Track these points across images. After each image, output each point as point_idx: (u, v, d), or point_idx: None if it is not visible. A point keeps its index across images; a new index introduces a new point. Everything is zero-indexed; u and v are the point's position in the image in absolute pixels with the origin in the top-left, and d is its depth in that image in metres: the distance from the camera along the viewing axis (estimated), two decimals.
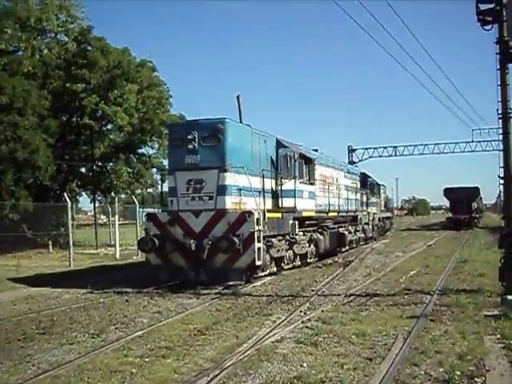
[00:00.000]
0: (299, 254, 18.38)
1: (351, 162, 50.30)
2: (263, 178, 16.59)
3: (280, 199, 17.23)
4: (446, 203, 64.14)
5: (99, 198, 39.32)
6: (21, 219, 28.58)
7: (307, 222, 19.63)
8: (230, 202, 14.97)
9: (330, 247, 21.81)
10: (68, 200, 22.50)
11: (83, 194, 40.00)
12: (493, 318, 9.93)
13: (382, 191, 39.29)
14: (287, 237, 17.32)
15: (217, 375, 6.82)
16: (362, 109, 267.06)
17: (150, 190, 40.15)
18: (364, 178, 32.53)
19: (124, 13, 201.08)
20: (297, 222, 18.09)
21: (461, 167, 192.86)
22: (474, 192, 55.43)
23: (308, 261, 19.49)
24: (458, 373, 6.70)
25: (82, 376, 7.00)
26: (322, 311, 11.01)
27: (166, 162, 35.19)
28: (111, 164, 34.95)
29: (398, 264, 19.61)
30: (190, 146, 15.00)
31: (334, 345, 8.20)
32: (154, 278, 15.92)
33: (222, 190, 14.83)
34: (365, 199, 31.17)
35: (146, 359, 7.72)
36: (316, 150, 23.61)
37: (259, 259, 14.66)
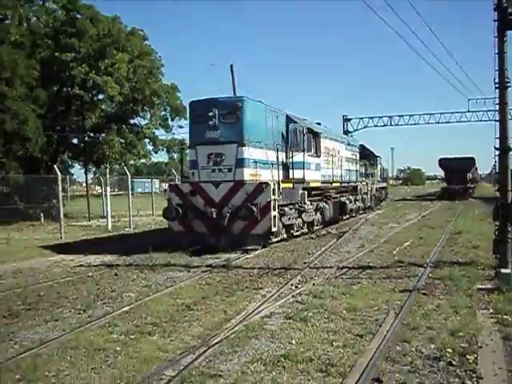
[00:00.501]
0: (307, 221, 19.61)
1: (346, 132, 50.04)
2: (277, 151, 17.84)
3: (291, 171, 18.50)
4: (442, 173, 63.91)
5: (93, 169, 39.12)
6: (11, 191, 28.36)
7: (313, 192, 20.79)
8: (247, 174, 16.32)
9: (333, 215, 23.26)
10: (58, 172, 22.12)
11: (75, 165, 39.84)
12: (486, 291, 9.78)
13: (378, 162, 39.88)
14: (297, 206, 18.56)
15: (202, 353, 6.64)
16: (359, 79, 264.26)
17: (143, 160, 39.83)
18: (363, 149, 33.45)
19: None
20: (306, 192, 19.23)
21: (456, 137, 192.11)
22: (469, 162, 55.23)
23: (314, 228, 20.71)
24: (450, 350, 6.54)
25: (65, 355, 6.80)
26: (314, 284, 10.85)
27: (158, 132, 35.17)
28: (103, 135, 34.39)
29: (392, 235, 19.44)
30: (211, 123, 16.24)
31: (324, 320, 8.02)
32: (144, 249, 15.88)
33: (240, 163, 16.16)
34: (363, 170, 32.34)
35: (132, 336, 7.53)
36: (319, 124, 24.74)
37: (274, 226, 16.09)
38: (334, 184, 24.11)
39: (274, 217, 16.02)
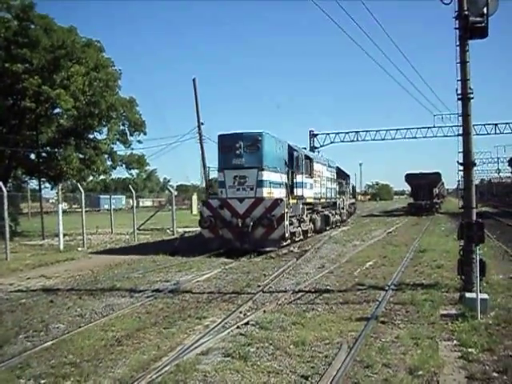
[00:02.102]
0: (304, 230, 23.48)
1: (313, 147, 49.42)
2: (286, 174, 22.13)
3: (295, 189, 22.80)
4: (409, 188, 63.71)
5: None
6: None
7: (308, 207, 24.55)
8: (265, 192, 20.15)
9: (321, 226, 27.38)
10: (4, 189, 20.75)
11: (33, 181, 38.19)
12: (449, 318, 8.99)
13: (349, 181, 43.46)
14: (298, 217, 22.37)
15: None
16: (324, 94, 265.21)
17: (102, 176, 38.48)
18: (338, 170, 37.54)
19: None
20: (305, 207, 23.55)
21: (424, 152, 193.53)
22: (435, 178, 55.10)
23: (308, 235, 24.59)
24: None
25: None
26: (264, 312, 9.91)
27: (116, 148, 34.03)
28: (61, 150, 32.98)
29: (355, 254, 18.64)
30: (237, 152, 20.09)
31: (266, 358, 7.07)
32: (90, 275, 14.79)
33: (260, 184, 20.01)
34: (339, 188, 36.47)
35: (42, 381, 6.47)
36: (305, 149, 29.58)
37: (287, 232, 20.06)
38: (321, 200, 28.60)
39: (287, 225, 19.89)
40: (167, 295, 11.96)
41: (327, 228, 29.40)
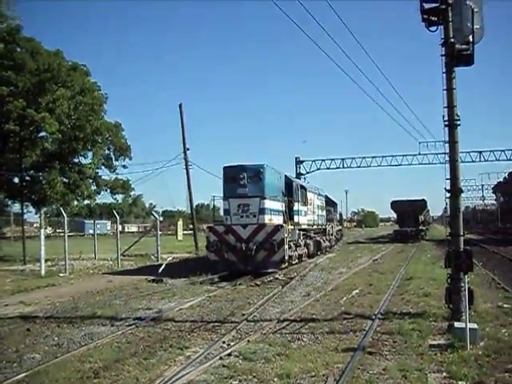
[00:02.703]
0: (299, 254, 25.24)
1: (299, 174, 49.45)
2: (284, 202, 24.13)
3: (292, 216, 24.89)
4: (395, 215, 63.80)
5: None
6: None
7: (302, 232, 26.63)
8: (267, 219, 21.80)
9: (313, 251, 29.02)
10: None
11: (16, 205, 37.60)
12: (438, 349, 8.75)
13: (337, 208, 46.16)
14: (294, 242, 24.19)
15: None
16: (310, 121, 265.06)
17: (87, 201, 37.98)
18: (327, 198, 39.73)
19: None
20: (301, 232, 25.81)
21: (410, 179, 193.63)
22: (420, 205, 55.28)
23: (303, 259, 26.29)
24: None
25: None
26: (248, 342, 9.61)
27: (101, 172, 33.79)
28: (45, 174, 32.57)
29: (341, 282, 18.39)
30: (241, 182, 21.78)
31: None
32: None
33: (262, 211, 21.68)
34: (327, 215, 38.55)
35: None
36: (298, 178, 33.07)
37: (286, 255, 21.71)
38: (313, 226, 30.99)
39: (286, 249, 21.60)
40: (149, 324, 11.64)
41: (318, 253, 31.08)
